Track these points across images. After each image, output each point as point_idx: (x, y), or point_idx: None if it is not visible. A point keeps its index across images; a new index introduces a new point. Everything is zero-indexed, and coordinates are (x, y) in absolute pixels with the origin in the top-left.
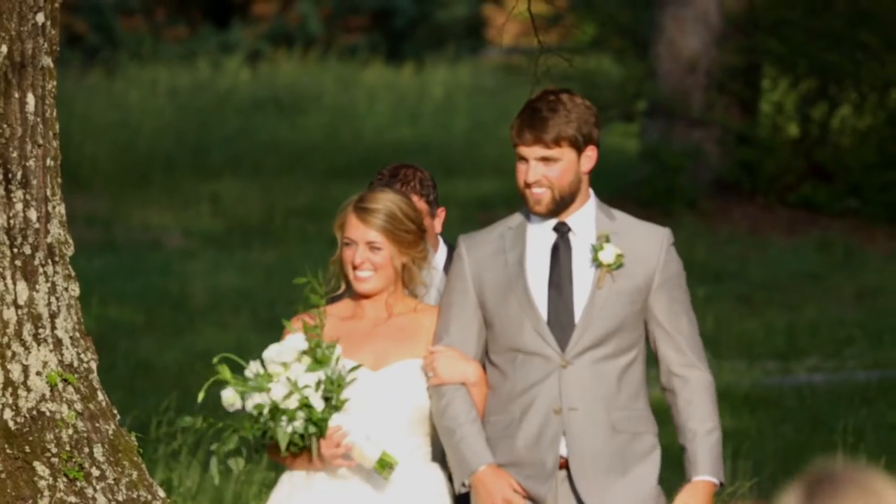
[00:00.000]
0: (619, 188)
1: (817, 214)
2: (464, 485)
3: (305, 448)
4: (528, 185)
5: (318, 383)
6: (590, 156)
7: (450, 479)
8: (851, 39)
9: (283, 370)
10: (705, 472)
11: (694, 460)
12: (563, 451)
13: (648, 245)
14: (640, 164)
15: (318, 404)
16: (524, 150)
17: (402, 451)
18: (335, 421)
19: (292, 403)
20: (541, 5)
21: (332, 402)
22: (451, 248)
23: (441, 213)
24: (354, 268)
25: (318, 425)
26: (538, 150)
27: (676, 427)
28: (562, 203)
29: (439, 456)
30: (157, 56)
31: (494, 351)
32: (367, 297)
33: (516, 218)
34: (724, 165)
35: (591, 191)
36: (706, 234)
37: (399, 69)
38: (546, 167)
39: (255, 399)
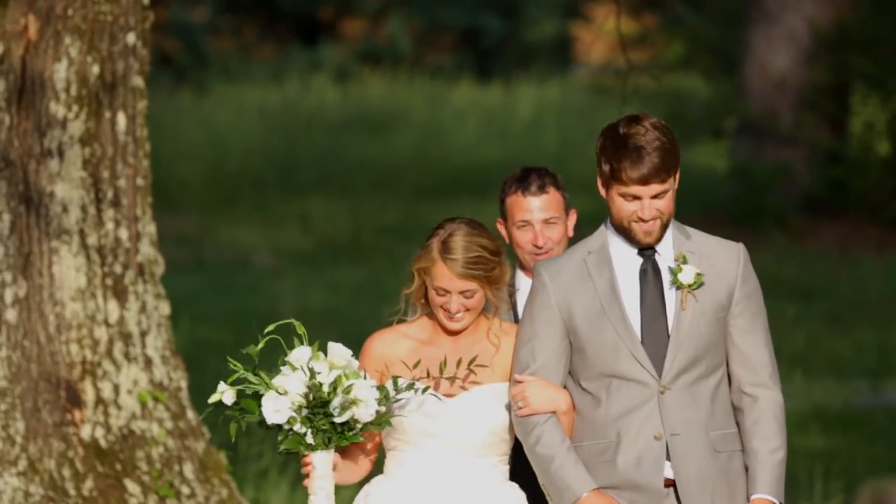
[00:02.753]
0: (709, 207)
1: None
2: None
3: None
4: (641, 220)
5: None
6: (677, 175)
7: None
8: None
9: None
10: (764, 491)
11: (754, 479)
12: (667, 473)
13: (726, 261)
14: (730, 183)
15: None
16: (639, 191)
17: (476, 472)
18: (324, 457)
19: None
20: (630, 23)
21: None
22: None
23: (573, 216)
24: (447, 310)
25: (319, 440)
26: (654, 188)
27: (743, 447)
28: (665, 229)
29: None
30: (246, 75)
31: (586, 378)
32: (450, 333)
33: (594, 241)
34: (813, 184)
35: None
36: (796, 253)
37: (487, 88)
38: (658, 201)
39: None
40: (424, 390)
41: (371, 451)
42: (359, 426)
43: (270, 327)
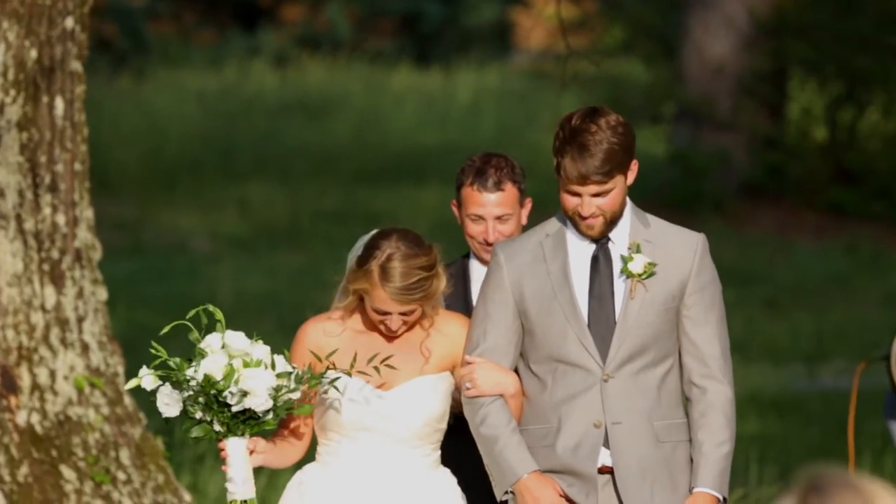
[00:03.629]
0: (647, 191)
1: (845, 218)
2: (507, 492)
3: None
4: (582, 217)
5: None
6: (633, 169)
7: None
8: (879, 43)
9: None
10: (706, 485)
11: (697, 472)
12: (607, 461)
13: (682, 251)
14: (668, 168)
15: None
16: (578, 188)
17: (409, 462)
18: (237, 444)
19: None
20: (569, 9)
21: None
22: (463, 258)
23: (528, 204)
24: (387, 326)
25: (225, 429)
26: (592, 188)
27: (690, 438)
28: (612, 224)
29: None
30: (186, 60)
31: (534, 360)
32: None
33: (552, 225)
34: (751, 169)
35: (626, 198)
36: (733, 238)
37: (426, 73)
38: (600, 199)
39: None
40: (333, 381)
41: (304, 434)
42: (269, 415)
43: (191, 313)
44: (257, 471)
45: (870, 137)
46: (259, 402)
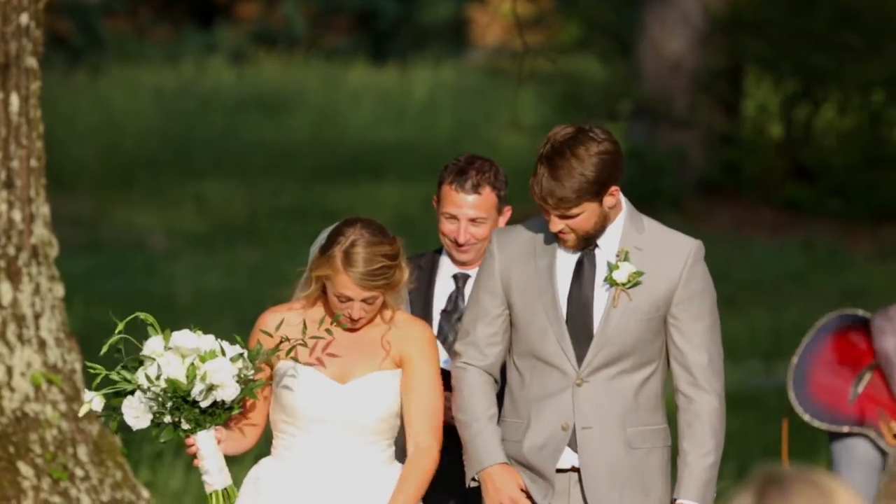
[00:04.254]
0: None
1: (801, 215)
2: (474, 479)
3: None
4: (552, 232)
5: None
6: (612, 194)
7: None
8: (834, 40)
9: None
10: (689, 497)
11: (680, 483)
12: (574, 462)
13: (672, 260)
14: (625, 165)
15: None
16: (547, 209)
17: (364, 457)
18: (206, 436)
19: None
20: (525, 6)
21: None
22: (436, 252)
23: (507, 212)
24: (348, 316)
25: (193, 425)
26: (556, 211)
27: (679, 447)
28: (589, 239)
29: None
30: (141, 57)
31: (517, 353)
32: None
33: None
34: (708, 166)
35: (623, 202)
36: (691, 235)
37: (383, 70)
38: (567, 219)
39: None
40: (289, 352)
41: (258, 421)
42: (235, 403)
43: (120, 326)
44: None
45: (825, 134)
46: (230, 392)
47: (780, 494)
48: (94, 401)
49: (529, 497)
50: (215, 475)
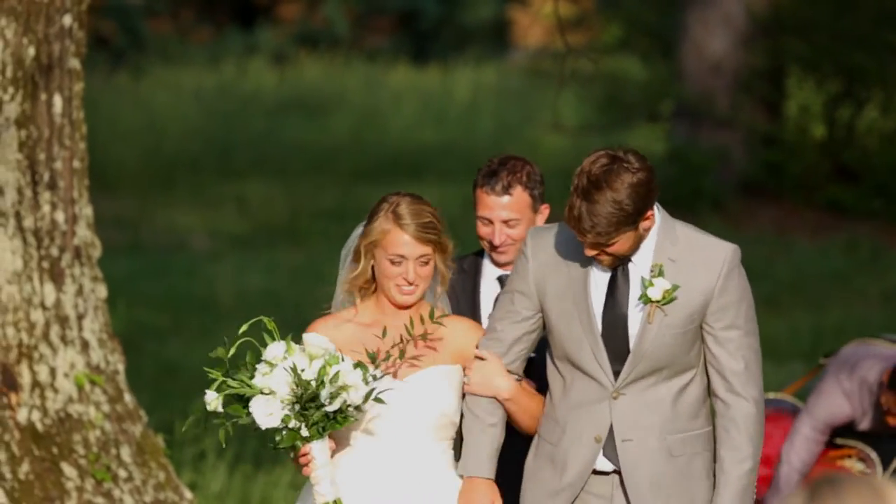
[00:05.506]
0: None
1: (843, 215)
2: (460, 476)
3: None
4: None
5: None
6: (648, 218)
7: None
8: (877, 40)
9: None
10: None
11: (718, 492)
12: (612, 466)
13: (707, 270)
14: (667, 166)
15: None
16: (582, 240)
17: (426, 457)
18: (322, 446)
19: (328, 401)
20: (567, 6)
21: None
22: (477, 255)
23: (545, 210)
24: (399, 284)
25: (314, 432)
26: (599, 248)
27: (715, 453)
28: (626, 259)
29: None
30: (183, 58)
31: (557, 357)
32: (401, 306)
33: None
34: (750, 167)
35: (657, 211)
36: (732, 236)
37: (424, 71)
38: (609, 247)
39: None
40: (395, 357)
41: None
42: (351, 409)
43: (244, 327)
44: (257, 467)
45: (868, 135)
46: (359, 395)
47: (834, 494)
48: (213, 402)
49: None
50: (327, 486)
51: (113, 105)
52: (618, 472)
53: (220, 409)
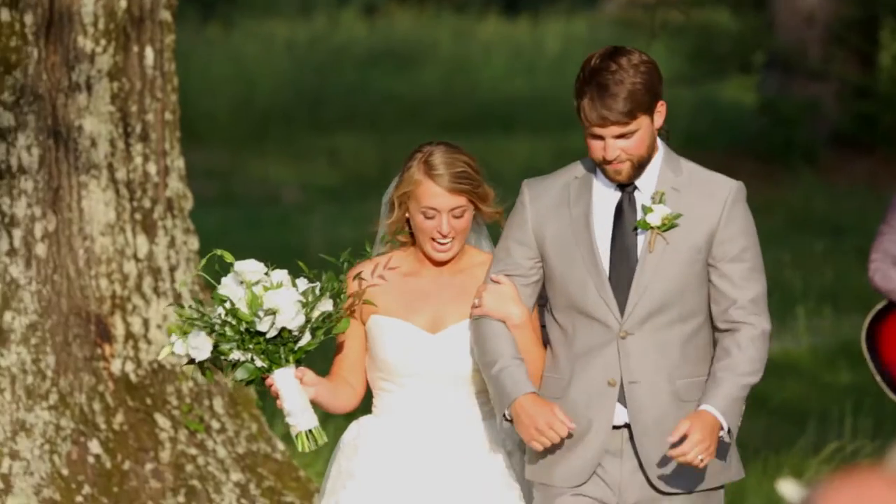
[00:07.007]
0: (737, 141)
1: None
2: (505, 417)
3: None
4: (606, 161)
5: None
6: (660, 111)
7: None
8: None
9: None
10: (713, 406)
11: (707, 392)
12: (625, 418)
13: (711, 201)
14: (758, 118)
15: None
16: (599, 131)
17: (461, 410)
18: (284, 374)
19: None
20: None
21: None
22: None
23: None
24: (434, 238)
25: (267, 362)
26: (614, 130)
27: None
28: (640, 169)
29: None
30: (274, 9)
31: (556, 307)
32: (438, 263)
33: (581, 167)
34: (842, 119)
35: (659, 142)
36: (825, 188)
37: (515, 22)
38: (624, 141)
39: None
40: (338, 291)
41: (358, 381)
42: (308, 334)
43: (203, 262)
44: (347, 419)
45: None
46: (289, 316)
47: None
48: (176, 345)
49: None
50: (298, 416)
51: (204, 57)
52: (628, 425)
53: (182, 352)
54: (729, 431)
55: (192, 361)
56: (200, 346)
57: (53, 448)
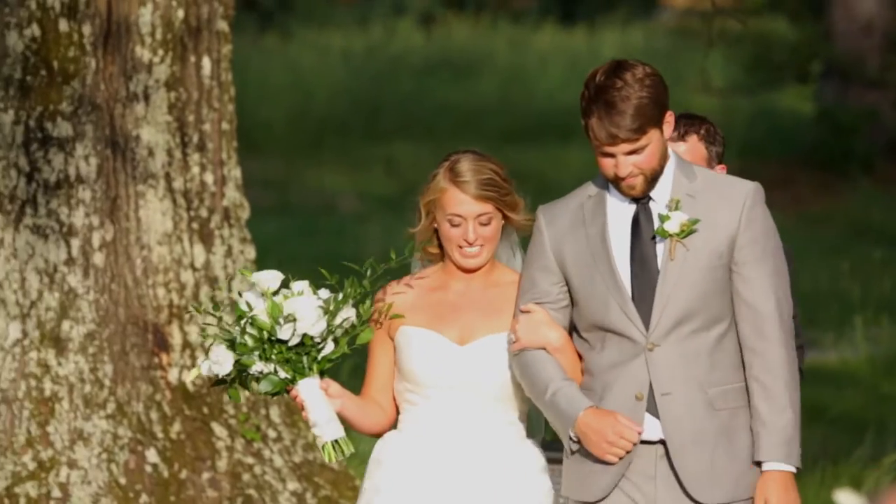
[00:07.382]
0: (794, 151)
1: None
2: (571, 439)
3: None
4: (619, 178)
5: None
6: (669, 122)
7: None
8: None
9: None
10: (774, 458)
11: (759, 445)
12: (660, 433)
13: (729, 204)
14: (815, 127)
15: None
16: (609, 149)
17: (490, 427)
18: (308, 384)
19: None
20: None
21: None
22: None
23: (720, 171)
24: (461, 245)
25: (291, 373)
26: (625, 147)
27: (750, 406)
28: (654, 181)
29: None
30: (331, 19)
31: (583, 328)
32: (467, 270)
33: (593, 186)
34: None
35: (669, 150)
36: (882, 197)
37: (571, 32)
38: (635, 156)
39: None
40: (361, 300)
41: (389, 402)
42: (328, 345)
43: (228, 282)
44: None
45: None
46: (309, 322)
47: None
48: (202, 366)
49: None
50: (323, 426)
51: (261, 67)
52: (663, 441)
53: (207, 373)
54: (798, 469)
55: (218, 382)
56: (221, 359)
57: (111, 457)
